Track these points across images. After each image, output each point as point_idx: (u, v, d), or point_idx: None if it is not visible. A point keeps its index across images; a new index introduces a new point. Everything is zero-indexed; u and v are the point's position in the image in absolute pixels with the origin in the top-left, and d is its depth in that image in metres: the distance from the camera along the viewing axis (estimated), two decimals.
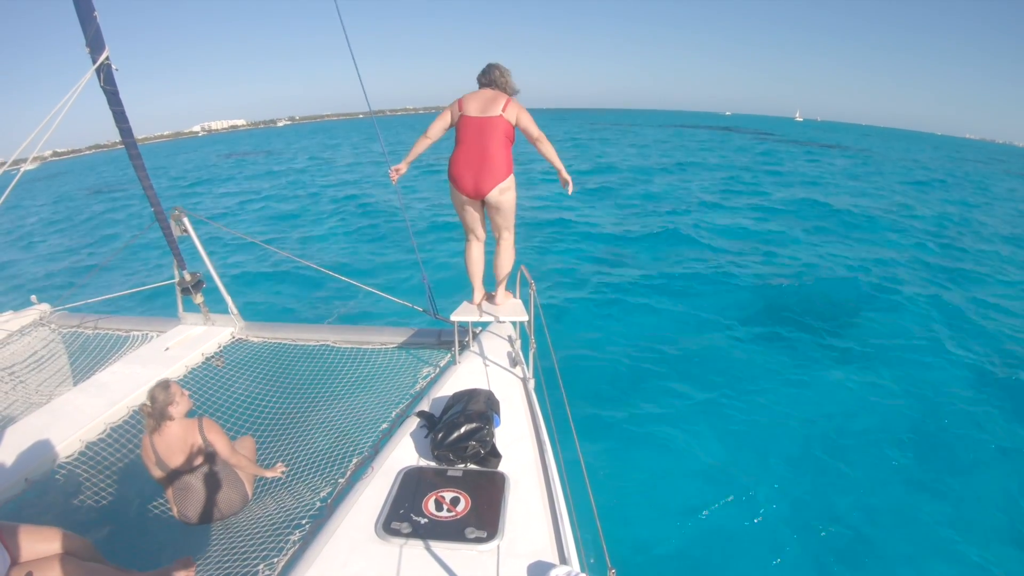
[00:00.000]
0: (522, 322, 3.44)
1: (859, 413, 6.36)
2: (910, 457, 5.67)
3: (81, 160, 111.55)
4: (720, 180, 25.09)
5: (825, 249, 13.25)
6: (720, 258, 12.28)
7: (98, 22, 3.35)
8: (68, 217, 24.24)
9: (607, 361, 7.37)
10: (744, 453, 5.60)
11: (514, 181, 3.30)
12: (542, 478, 2.25)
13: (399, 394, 3.33)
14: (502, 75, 3.36)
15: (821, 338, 8.25)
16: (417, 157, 3.45)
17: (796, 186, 24.00)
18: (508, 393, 2.85)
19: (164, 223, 4.29)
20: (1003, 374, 7.34)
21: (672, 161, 32.75)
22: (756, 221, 16.23)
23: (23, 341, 4.75)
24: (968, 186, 29.74)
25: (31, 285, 12.69)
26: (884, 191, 24.11)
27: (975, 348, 8.13)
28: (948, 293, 10.54)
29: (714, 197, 20.27)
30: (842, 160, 40.18)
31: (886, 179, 29.49)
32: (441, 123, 3.34)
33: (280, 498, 2.79)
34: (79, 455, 3.10)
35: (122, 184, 36.41)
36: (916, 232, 15.76)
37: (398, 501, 2.11)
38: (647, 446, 5.63)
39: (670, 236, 14.07)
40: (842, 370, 7.28)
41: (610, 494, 4.79)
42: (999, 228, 17.54)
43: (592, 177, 24.16)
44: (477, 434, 2.35)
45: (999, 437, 6.03)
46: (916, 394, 6.82)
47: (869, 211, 18.23)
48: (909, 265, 12.40)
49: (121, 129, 3.82)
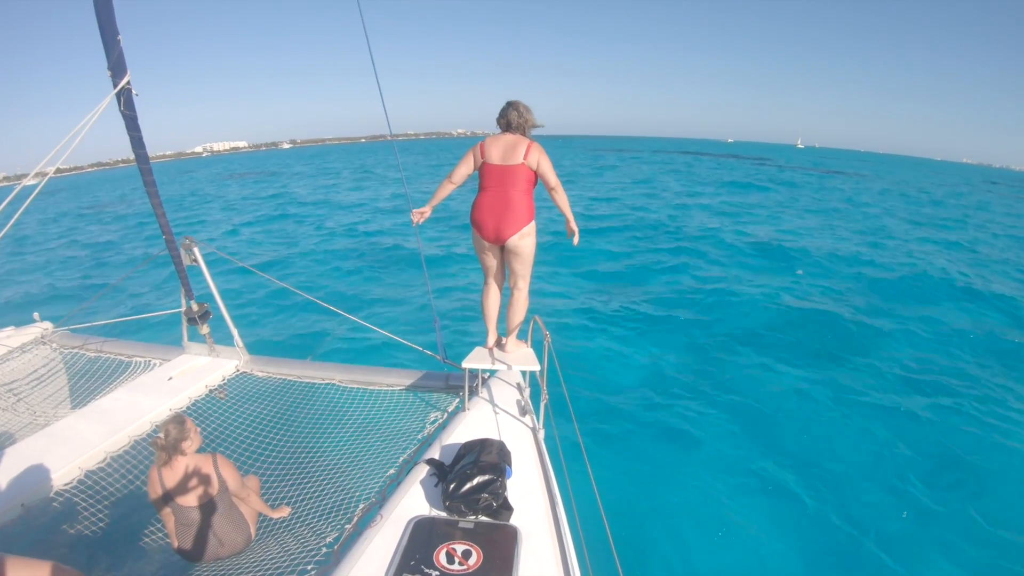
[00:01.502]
0: (533, 372, 3.44)
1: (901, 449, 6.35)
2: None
3: (83, 177, 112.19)
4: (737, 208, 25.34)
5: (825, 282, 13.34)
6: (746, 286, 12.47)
7: (121, 46, 3.39)
8: (66, 235, 24.30)
9: (620, 409, 7.29)
10: (775, 513, 5.46)
11: (535, 228, 3.37)
12: (554, 532, 2.23)
13: (407, 439, 3.30)
14: (520, 116, 3.37)
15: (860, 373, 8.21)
16: (440, 201, 3.51)
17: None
18: (518, 443, 2.84)
19: (175, 252, 4.32)
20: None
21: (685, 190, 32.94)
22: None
23: (23, 358, 4.72)
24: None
25: (25, 302, 12.64)
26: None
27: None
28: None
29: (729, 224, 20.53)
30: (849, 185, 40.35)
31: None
32: (465, 168, 3.41)
33: (284, 541, 2.73)
34: (77, 483, 3.05)
35: (116, 203, 36.70)
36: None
37: (408, 552, 2.08)
38: (669, 498, 5.52)
39: (682, 269, 14.29)
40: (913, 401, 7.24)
41: (633, 549, 4.72)
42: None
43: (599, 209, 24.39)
44: (490, 486, 2.33)
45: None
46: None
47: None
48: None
49: (138, 155, 3.84)
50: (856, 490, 5.67)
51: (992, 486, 5.75)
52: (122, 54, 3.42)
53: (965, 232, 22.53)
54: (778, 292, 12.06)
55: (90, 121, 3.47)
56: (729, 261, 15.35)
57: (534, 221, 3.36)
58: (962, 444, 6.43)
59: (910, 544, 4.97)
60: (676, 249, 16.58)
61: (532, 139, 3.38)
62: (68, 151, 3.47)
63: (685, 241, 17.53)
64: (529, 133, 3.43)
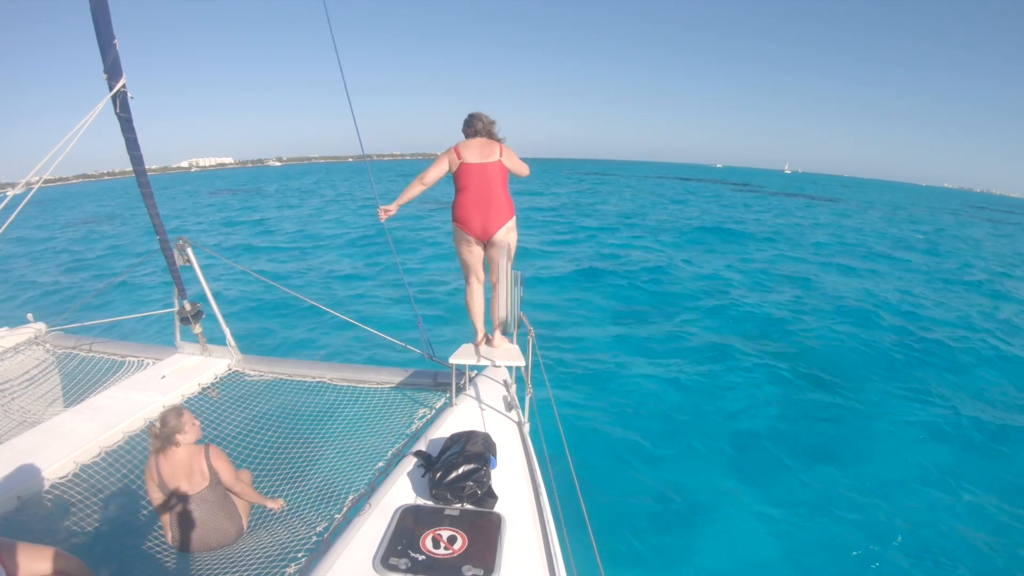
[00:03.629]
0: (519, 367, 3.53)
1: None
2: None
3: (68, 188, 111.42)
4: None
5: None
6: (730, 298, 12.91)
7: (117, 50, 3.46)
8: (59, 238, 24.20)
9: (605, 405, 7.52)
10: (750, 498, 5.69)
11: (516, 221, 3.51)
12: (537, 519, 2.31)
13: (395, 433, 3.38)
14: (485, 125, 3.58)
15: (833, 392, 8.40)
16: (408, 201, 3.63)
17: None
18: (504, 436, 2.92)
19: (168, 252, 4.38)
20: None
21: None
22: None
23: (16, 359, 4.74)
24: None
25: (18, 303, 12.61)
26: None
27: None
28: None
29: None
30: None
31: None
32: (438, 170, 3.51)
33: (275, 531, 2.80)
34: (73, 476, 3.11)
35: (105, 212, 36.57)
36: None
37: (396, 538, 2.15)
38: (648, 491, 5.72)
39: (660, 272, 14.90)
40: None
41: (610, 537, 4.83)
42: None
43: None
44: (475, 475, 2.41)
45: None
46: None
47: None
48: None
49: (132, 156, 3.93)
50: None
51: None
52: (118, 58, 3.48)
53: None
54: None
55: (86, 123, 3.53)
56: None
57: (515, 216, 3.52)
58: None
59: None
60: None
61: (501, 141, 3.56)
62: (64, 153, 3.54)
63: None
64: (498, 139, 3.60)
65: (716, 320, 11.44)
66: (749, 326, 11.03)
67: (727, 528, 5.20)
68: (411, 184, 3.56)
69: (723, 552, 4.93)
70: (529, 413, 3.22)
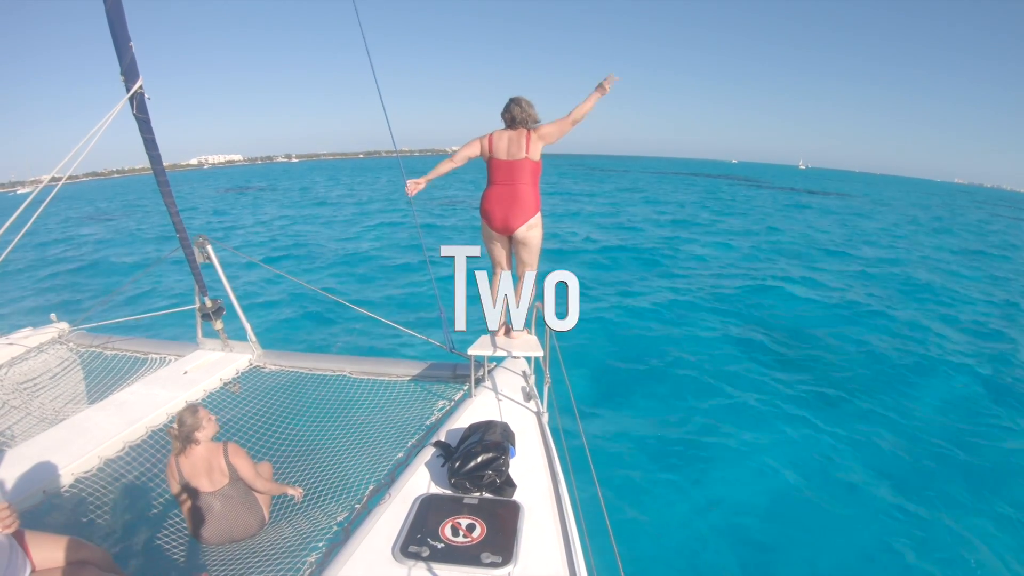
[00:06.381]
0: (537, 357, 3.52)
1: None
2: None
3: (77, 186, 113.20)
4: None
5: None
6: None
7: (133, 52, 3.49)
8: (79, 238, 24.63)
9: (621, 394, 7.54)
10: (763, 488, 5.65)
11: (541, 219, 3.52)
12: (556, 507, 2.29)
13: (415, 425, 3.37)
14: (523, 110, 3.48)
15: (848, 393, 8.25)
16: (437, 176, 3.63)
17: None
18: (522, 426, 2.91)
19: (188, 250, 4.42)
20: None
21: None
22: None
23: (40, 358, 4.82)
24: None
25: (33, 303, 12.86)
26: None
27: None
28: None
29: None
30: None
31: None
32: (469, 151, 3.55)
33: (296, 523, 2.81)
34: (97, 471, 3.15)
35: (115, 211, 37.20)
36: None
37: (415, 526, 2.15)
38: (663, 479, 5.70)
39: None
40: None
41: (627, 526, 4.82)
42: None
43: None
44: (493, 463, 2.40)
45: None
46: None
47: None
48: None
49: (151, 156, 3.96)
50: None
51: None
52: (134, 59, 3.52)
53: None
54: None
55: (105, 123, 3.58)
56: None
57: (540, 213, 3.52)
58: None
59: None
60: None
61: (530, 129, 3.49)
62: (85, 152, 3.60)
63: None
64: (531, 127, 3.52)
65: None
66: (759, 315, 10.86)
67: (751, 524, 5.12)
68: (442, 161, 3.61)
69: (743, 548, 4.86)
70: (548, 403, 3.20)
